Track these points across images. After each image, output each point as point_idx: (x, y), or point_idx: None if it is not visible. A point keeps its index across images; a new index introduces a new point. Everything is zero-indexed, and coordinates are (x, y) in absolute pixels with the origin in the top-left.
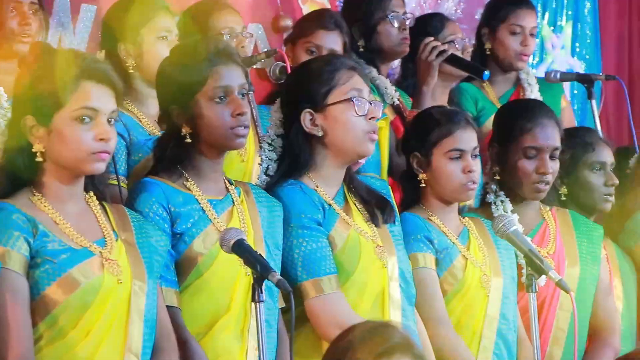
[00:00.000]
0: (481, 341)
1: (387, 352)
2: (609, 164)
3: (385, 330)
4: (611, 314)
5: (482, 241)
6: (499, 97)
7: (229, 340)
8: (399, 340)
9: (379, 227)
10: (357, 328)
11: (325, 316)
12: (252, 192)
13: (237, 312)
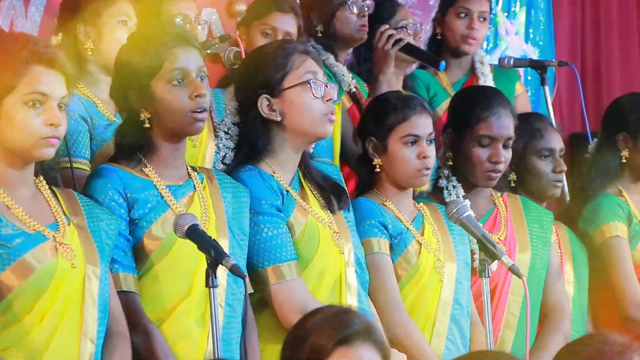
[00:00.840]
0: (435, 326)
1: (348, 338)
2: (558, 151)
3: (346, 317)
4: (561, 298)
5: (436, 227)
6: (452, 84)
7: (190, 324)
8: (360, 326)
9: (334, 214)
10: (317, 314)
11: (286, 302)
12: (216, 178)
13: (197, 297)
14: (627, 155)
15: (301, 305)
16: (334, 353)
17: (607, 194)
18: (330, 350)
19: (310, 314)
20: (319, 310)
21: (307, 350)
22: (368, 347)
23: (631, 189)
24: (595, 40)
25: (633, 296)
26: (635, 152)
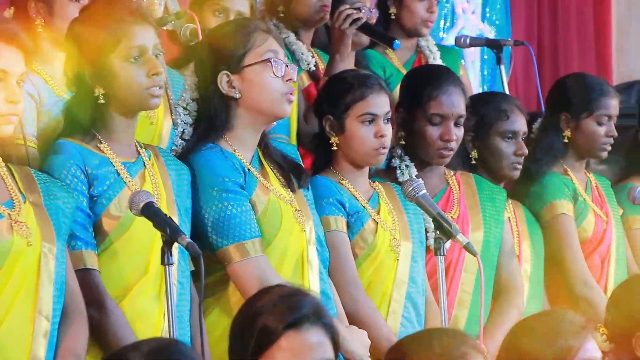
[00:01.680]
0: (390, 304)
1: (297, 322)
2: (521, 133)
3: (296, 299)
4: (515, 275)
5: (392, 205)
6: (403, 64)
7: (147, 302)
8: (309, 310)
9: (294, 193)
10: (267, 295)
11: (251, 280)
12: (161, 156)
13: (154, 275)
14: (569, 135)
15: (266, 282)
16: (283, 336)
17: (552, 172)
18: (280, 333)
19: (259, 294)
20: (267, 291)
21: (256, 332)
22: (317, 330)
23: (576, 167)
24: (552, 20)
25: (580, 274)
26: (577, 132)
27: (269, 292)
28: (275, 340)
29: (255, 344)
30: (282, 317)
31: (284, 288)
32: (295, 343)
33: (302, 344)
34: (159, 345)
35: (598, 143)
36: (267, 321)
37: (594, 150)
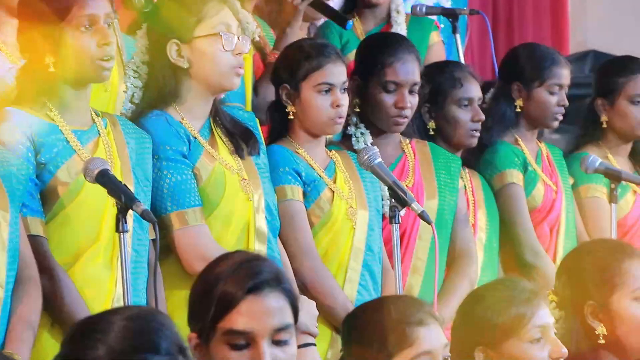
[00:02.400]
0: (347, 273)
1: (257, 287)
2: (476, 99)
3: (255, 265)
4: (468, 244)
5: (348, 174)
6: (366, 33)
7: (98, 269)
8: (269, 275)
9: (243, 159)
10: (225, 261)
11: (189, 248)
12: (119, 124)
13: (105, 242)
14: (521, 104)
15: (204, 252)
16: (244, 302)
17: (503, 142)
18: (240, 299)
19: (218, 260)
20: (227, 257)
21: (216, 298)
22: (277, 295)
23: (527, 137)
24: None
25: (529, 242)
26: (529, 102)
27: (228, 258)
28: (235, 305)
29: (216, 309)
30: (242, 282)
31: (242, 254)
32: (255, 307)
33: (262, 309)
34: (140, 312)
35: (550, 112)
36: (226, 287)
37: (546, 119)
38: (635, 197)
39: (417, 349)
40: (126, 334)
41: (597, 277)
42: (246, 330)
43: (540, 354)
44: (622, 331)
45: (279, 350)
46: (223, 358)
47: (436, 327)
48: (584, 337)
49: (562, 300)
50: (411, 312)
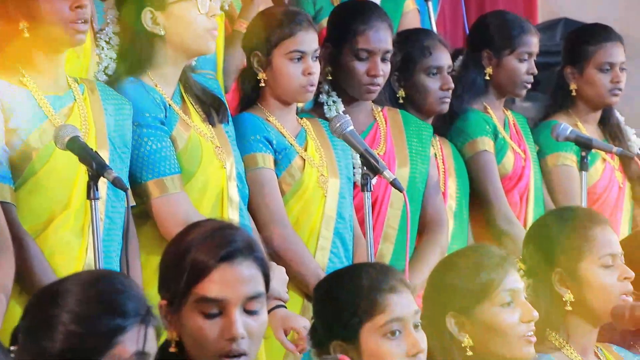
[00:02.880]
0: (319, 240)
1: (229, 255)
2: (446, 68)
3: (228, 233)
4: (439, 211)
5: (320, 142)
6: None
7: (68, 236)
8: (241, 243)
9: (214, 127)
10: (197, 228)
11: (168, 216)
12: (97, 90)
13: (76, 209)
14: (490, 72)
15: (184, 219)
16: (216, 270)
17: (474, 109)
18: (212, 267)
19: (190, 228)
20: (198, 225)
21: (188, 266)
22: (249, 264)
23: (495, 105)
24: None
25: (501, 209)
26: (499, 70)
27: (200, 226)
28: (207, 273)
29: (188, 277)
30: (214, 250)
31: (215, 222)
32: (227, 276)
33: (234, 277)
34: (98, 275)
35: (519, 80)
36: (199, 255)
37: (515, 87)
38: (605, 164)
39: (388, 315)
40: (90, 298)
41: (564, 244)
42: (218, 298)
43: (511, 318)
44: (590, 298)
45: (251, 319)
46: (194, 326)
47: (407, 294)
48: (551, 304)
49: (530, 268)
50: (382, 279)
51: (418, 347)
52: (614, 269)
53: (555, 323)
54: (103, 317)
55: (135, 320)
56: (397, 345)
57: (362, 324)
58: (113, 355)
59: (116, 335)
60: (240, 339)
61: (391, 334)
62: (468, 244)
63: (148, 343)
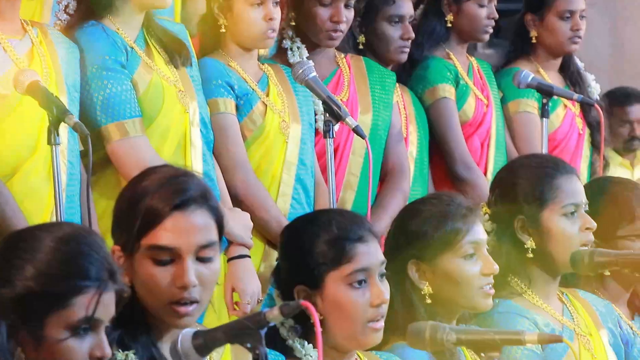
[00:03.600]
0: (280, 186)
1: (183, 203)
2: (408, 17)
3: (182, 180)
4: (401, 159)
5: (282, 88)
6: None
7: (37, 182)
8: (195, 191)
9: (178, 70)
10: (152, 175)
11: (129, 159)
12: (49, 33)
13: (44, 154)
14: (451, 19)
15: (144, 163)
16: (169, 218)
17: (435, 56)
18: (166, 215)
19: (145, 174)
20: (153, 171)
21: (142, 212)
22: (203, 212)
23: (458, 51)
24: None
25: (461, 156)
26: (460, 16)
27: (155, 172)
28: (161, 221)
29: (141, 224)
30: (168, 198)
31: (170, 169)
32: (181, 224)
33: (187, 225)
34: (71, 233)
35: (480, 25)
36: (153, 202)
37: (477, 32)
38: (566, 111)
39: (354, 265)
40: (55, 258)
41: (528, 191)
42: (171, 246)
43: (472, 270)
44: (550, 246)
45: (203, 267)
46: (146, 272)
47: (375, 244)
48: (513, 251)
49: (494, 213)
50: (351, 228)
51: (382, 297)
52: (576, 218)
53: (516, 269)
54: (62, 279)
55: (92, 285)
56: (362, 295)
57: (328, 272)
58: (61, 315)
59: (67, 297)
60: (192, 287)
61: (357, 283)
62: (428, 189)
63: (101, 309)
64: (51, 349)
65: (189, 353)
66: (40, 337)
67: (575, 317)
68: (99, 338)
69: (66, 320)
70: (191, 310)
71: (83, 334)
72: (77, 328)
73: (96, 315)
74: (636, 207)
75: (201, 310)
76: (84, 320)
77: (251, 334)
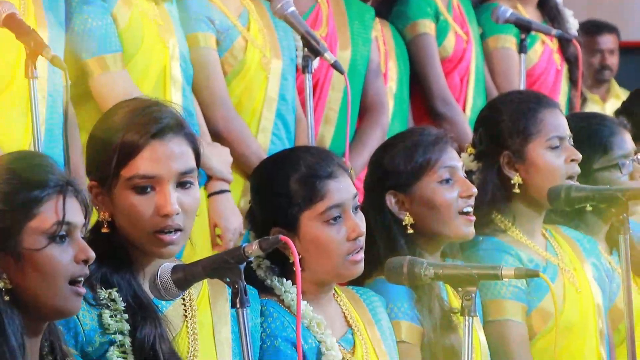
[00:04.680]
0: (261, 122)
1: (159, 132)
2: None
3: (155, 110)
4: (380, 94)
5: (262, 23)
6: None
7: (13, 115)
8: (170, 120)
9: (157, 5)
10: (124, 108)
11: (110, 94)
12: None
13: (21, 89)
14: None
15: (125, 97)
16: (147, 147)
17: None
18: (143, 145)
19: (115, 109)
20: (124, 105)
21: (118, 146)
22: (179, 140)
23: None
24: None
25: (440, 92)
26: None
27: (127, 105)
28: (139, 152)
29: (119, 157)
30: (144, 128)
31: (140, 100)
32: (159, 152)
33: (165, 153)
34: (19, 155)
35: None
36: (128, 135)
37: None
38: (544, 47)
39: (327, 202)
40: (7, 177)
41: (512, 127)
42: (151, 174)
43: (450, 194)
44: (537, 179)
45: (184, 194)
46: (127, 204)
47: (345, 178)
48: (499, 187)
49: (479, 152)
50: (320, 165)
51: (358, 230)
52: (560, 151)
53: (501, 206)
54: (20, 192)
55: (53, 191)
56: (337, 231)
57: (302, 212)
58: (33, 227)
59: (33, 207)
60: (175, 214)
61: (332, 220)
62: (408, 125)
63: (69, 212)
64: (33, 261)
65: (168, 287)
66: (20, 254)
67: (559, 252)
68: (78, 243)
69: (40, 229)
70: (175, 238)
71: (60, 241)
72: (53, 234)
73: (68, 219)
74: (608, 137)
75: (185, 239)
76: (57, 224)
77: (230, 269)
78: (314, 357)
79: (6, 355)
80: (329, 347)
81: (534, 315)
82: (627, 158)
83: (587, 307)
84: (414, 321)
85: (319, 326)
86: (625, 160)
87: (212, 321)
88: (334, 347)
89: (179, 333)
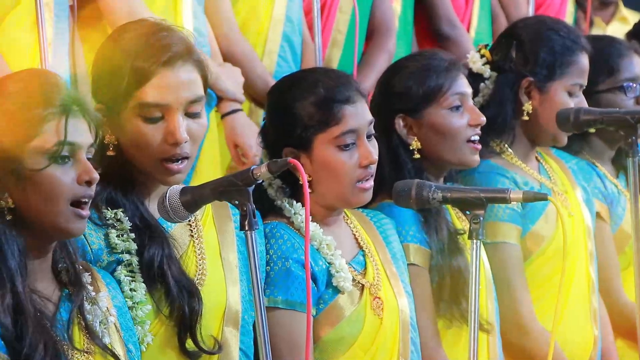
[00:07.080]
0: (266, 44)
1: (170, 60)
2: None
3: (165, 36)
4: (388, 17)
5: None
6: None
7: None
8: (180, 47)
9: None
10: (132, 32)
11: (120, 13)
12: None
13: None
14: None
15: (135, 16)
16: (157, 75)
17: None
18: (153, 72)
19: (123, 32)
20: (132, 28)
21: (128, 72)
22: (189, 67)
23: None
24: None
25: (445, 13)
26: None
27: (135, 29)
28: (149, 79)
29: (128, 83)
30: (154, 55)
31: (150, 24)
32: (168, 80)
33: (174, 81)
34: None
35: None
36: (138, 62)
37: None
38: None
39: (342, 127)
40: (16, 93)
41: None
42: (160, 103)
43: (459, 121)
44: (547, 114)
45: (192, 122)
46: (135, 130)
47: (362, 104)
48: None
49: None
50: (339, 89)
51: (370, 158)
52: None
53: (501, 128)
54: (23, 110)
55: (56, 110)
56: (350, 156)
57: (316, 134)
58: (34, 146)
59: (37, 126)
60: (183, 143)
61: (345, 145)
62: (412, 48)
63: (73, 133)
64: (34, 181)
65: (177, 209)
66: (22, 173)
67: (552, 175)
68: (83, 164)
69: (42, 148)
70: (182, 167)
71: (63, 162)
72: (55, 154)
73: (70, 139)
74: (616, 59)
75: (190, 166)
76: (58, 144)
77: (239, 191)
78: (324, 279)
79: (3, 275)
80: (339, 268)
81: (527, 238)
82: (635, 81)
83: (578, 230)
84: (422, 244)
85: (328, 248)
86: (632, 84)
87: (217, 241)
88: (343, 269)
89: (185, 252)
